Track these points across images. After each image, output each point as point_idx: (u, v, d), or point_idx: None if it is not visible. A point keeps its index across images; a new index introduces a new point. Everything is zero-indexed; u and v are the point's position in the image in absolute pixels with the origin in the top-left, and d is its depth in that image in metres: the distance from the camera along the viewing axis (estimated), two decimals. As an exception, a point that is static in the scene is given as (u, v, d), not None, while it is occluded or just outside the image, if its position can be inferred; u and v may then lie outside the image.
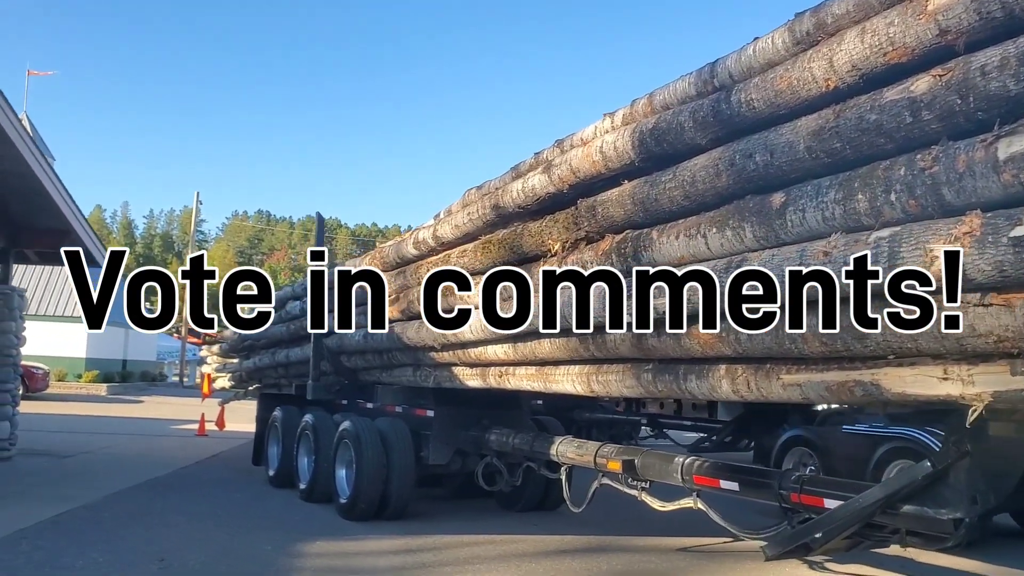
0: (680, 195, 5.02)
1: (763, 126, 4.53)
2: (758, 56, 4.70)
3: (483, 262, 7.18)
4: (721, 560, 7.56)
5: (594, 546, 7.95)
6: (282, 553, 7.23)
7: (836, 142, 4.05)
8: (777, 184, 4.43)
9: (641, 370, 5.67)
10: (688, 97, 5.22)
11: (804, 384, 4.53)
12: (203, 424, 17.87)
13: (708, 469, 6.16)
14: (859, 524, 5.04)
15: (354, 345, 9.74)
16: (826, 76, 4.14)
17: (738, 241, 4.61)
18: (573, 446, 7.59)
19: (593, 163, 5.75)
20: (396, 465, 8.84)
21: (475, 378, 7.84)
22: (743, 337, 4.64)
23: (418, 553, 7.51)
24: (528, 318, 6.24)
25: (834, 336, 4.11)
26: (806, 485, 5.40)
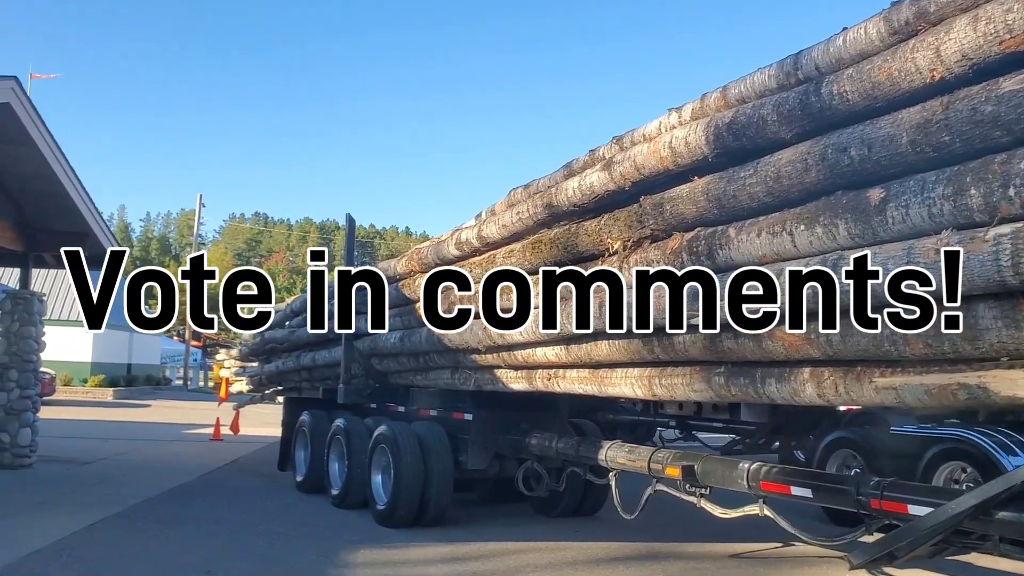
0: (762, 191, 4.84)
1: (857, 119, 4.34)
2: (849, 47, 4.52)
3: (532, 262, 7.00)
4: (779, 566, 7.39)
5: (643, 553, 7.78)
6: (329, 563, 7.04)
7: (945, 135, 3.86)
8: (873, 179, 4.25)
9: (712, 373, 5.49)
10: (768, 90, 5.04)
11: (900, 387, 4.36)
12: (218, 428, 17.69)
13: (777, 475, 5.97)
14: (949, 531, 4.86)
15: (388, 348, 9.55)
16: (931, 66, 3.96)
17: (830, 239, 4.42)
18: (624, 451, 7.39)
19: (661, 159, 5.56)
20: (435, 470, 8.66)
21: (520, 381, 7.66)
22: (835, 339, 4.47)
23: (465, 561, 7.33)
24: (588, 319, 6.06)
25: (942, 337, 3.94)
26: (887, 491, 5.21)
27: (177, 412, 26.44)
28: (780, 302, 4.59)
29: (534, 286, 6.82)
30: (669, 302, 5.35)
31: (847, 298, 4.21)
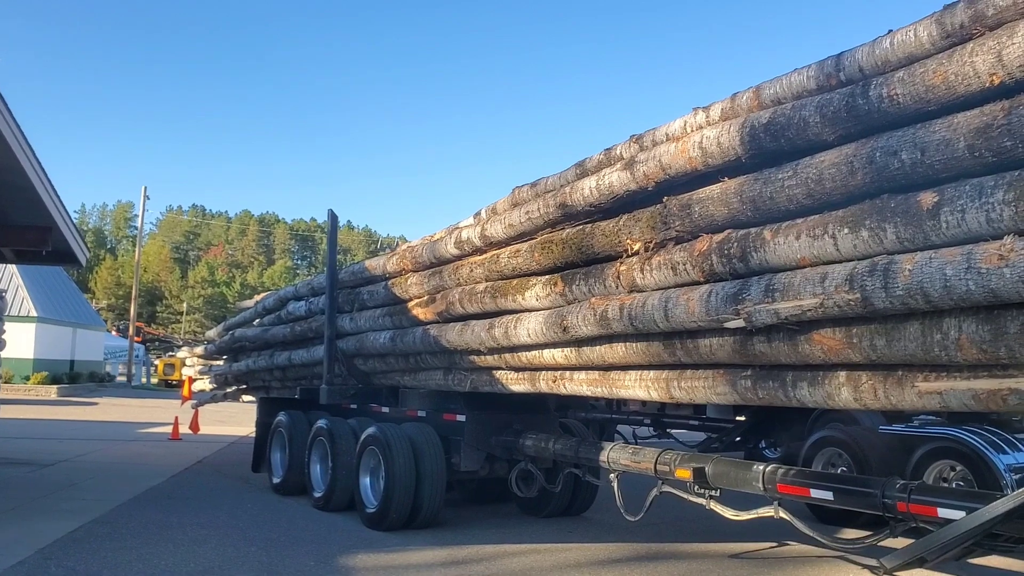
0: (802, 193, 4.81)
1: (908, 122, 4.33)
2: (896, 50, 4.50)
3: (541, 262, 6.90)
4: (781, 566, 7.38)
5: (643, 554, 7.73)
6: (330, 569, 6.85)
7: (1007, 140, 3.85)
8: (924, 183, 4.23)
9: (738, 376, 5.45)
10: (806, 91, 5.01)
11: (945, 392, 4.36)
12: (177, 428, 17.24)
13: (795, 477, 5.97)
14: (983, 535, 4.89)
15: (377, 348, 9.36)
16: (992, 71, 3.95)
17: (876, 242, 4.40)
18: (627, 453, 7.33)
19: (689, 159, 5.50)
20: (427, 472, 8.50)
21: (522, 383, 7.55)
22: (880, 343, 4.45)
23: (467, 564, 7.20)
24: (607, 322, 5.98)
25: (997, 342, 3.94)
26: (915, 493, 5.23)
27: (127, 410, 25.73)
28: (823, 306, 4.56)
29: (544, 286, 6.72)
30: (699, 305, 5.30)
31: (897, 302, 4.19)
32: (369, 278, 9.71)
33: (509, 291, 7.18)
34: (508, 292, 7.19)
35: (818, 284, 4.58)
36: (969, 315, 4.05)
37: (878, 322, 4.45)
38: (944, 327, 4.15)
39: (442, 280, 8.16)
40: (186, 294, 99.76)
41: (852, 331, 4.61)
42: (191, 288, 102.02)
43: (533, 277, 7.01)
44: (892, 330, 4.39)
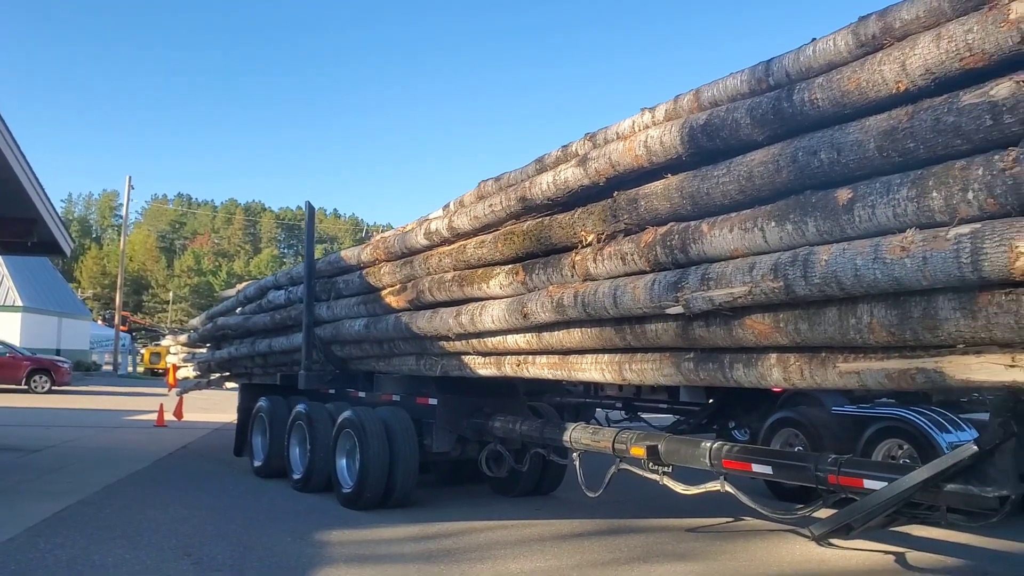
0: (734, 189, 5.18)
1: (827, 124, 4.70)
2: (818, 57, 4.87)
3: (504, 252, 7.26)
4: (733, 539, 7.81)
5: (605, 530, 8.14)
6: (305, 544, 7.24)
7: (910, 142, 4.23)
8: (841, 181, 4.60)
9: (682, 359, 5.83)
10: (740, 94, 5.37)
11: (862, 372, 4.74)
12: (162, 415, 17.57)
13: (738, 453, 6.38)
14: (901, 503, 5.31)
15: (352, 334, 9.72)
16: (897, 79, 4.33)
17: (799, 235, 4.77)
18: (588, 432, 7.73)
19: (635, 157, 5.87)
20: (401, 454, 8.89)
21: (489, 367, 7.92)
22: (803, 327, 4.84)
23: (436, 540, 7.60)
24: (563, 309, 6.36)
25: (903, 326, 4.33)
26: (844, 467, 5.64)
27: (113, 399, 26.02)
28: (751, 293, 4.94)
29: (507, 275, 7.09)
30: (644, 292, 5.68)
31: (815, 289, 4.58)
32: (345, 268, 10.06)
33: (475, 280, 7.54)
34: (474, 281, 7.56)
35: (747, 273, 4.96)
36: (879, 301, 4.43)
37: (801, 308, 4.83)
38: (858, 312, 4.54)
39: (413, 269, 8.52)
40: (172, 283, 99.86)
41: (779, 316, 4.99)
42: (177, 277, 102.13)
43: (497, 266, 7.37)
44: (813, 315, 4.78)
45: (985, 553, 7.25)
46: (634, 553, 7.21)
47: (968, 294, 4.03)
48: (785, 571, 6.68)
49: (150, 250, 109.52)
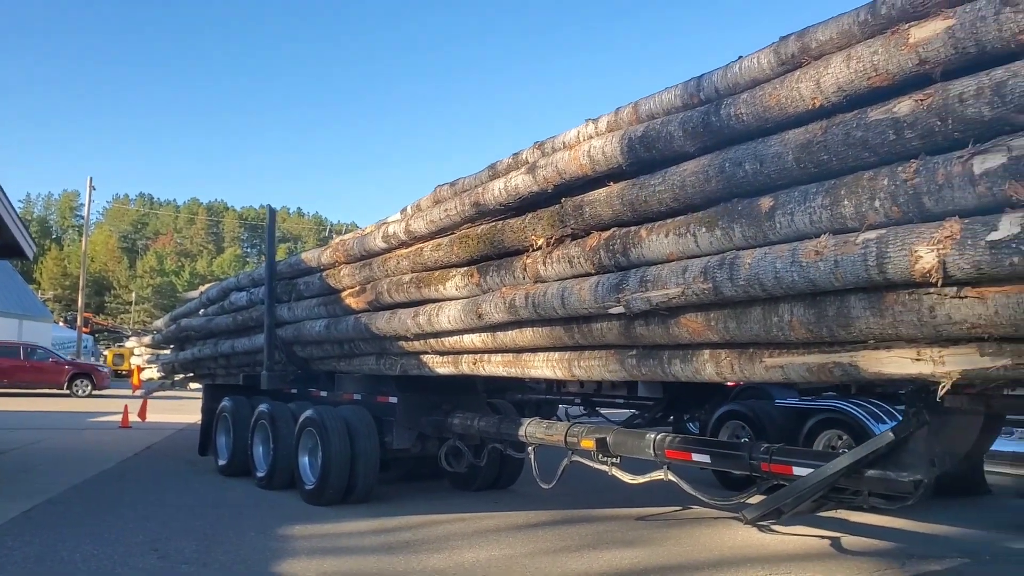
0: (669, 197, 5.54)
1: (751, 137, 5.06)
2: (743, 74, 5.23)
3: (460, 255, 7.57)
4: (680, 526, 8.20)
5: (559, 520, 8.49)
6: (269, 538, 7.50)
7: (823, 154, 4.61)
8: (764, 189, 4.97)
9: (626, 355, 6.19)
10: (674, 108, 5.73)
11: (786, 366, 5.12)
12: (127, 416, 17.67)
13: (679, 443, 6.75)
14: (827, 488, 5.70)
15: (313, 335, 9.97)
16: (813, 95, 4.70)
17: (727, 240, 5.14)
18: (542, 427, 8.07)
19: (580, 165, 6.21)
20: (362, 451, 9.17)
21: (447, 365, 8.22)
22: (732, 325, 5.21)
23: (396, 532, 7.90)
24: (515, 309, 6.68)
25: (820, 324, 4.71)
26: (775, 455, 6.03)
27: (77, 400, 25.94)
28: (684, 294, 5.30)
29: (463, 277, 7.40)
30: (589, 294, 6.02)
31: (740, 291, 4.95)
32: (305, 269, 10.32)
33: (432, 282, 7.84)
34: (431, 282, 7.85)
35: (680, 275, 5.32)
36: (798, 301, 4.80)
37: (729, 307, 5.19)
38: (780, 311, 4.91)
39: (372, 271, 8.80)
40: (135, 284, 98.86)
41: (710, 315, 5.35)
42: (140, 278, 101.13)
43: (453, 269, 7.67)
44: (740, 314, 5.15)
45: (913, 536, 7.70)
46: (584, 541, 7.56)
47: (876, 294, 4.41)
48: (725, 555, 7.06)
49: (112, 251, 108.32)
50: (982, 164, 3.87)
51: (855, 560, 6.99)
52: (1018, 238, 3.69)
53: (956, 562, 6.96)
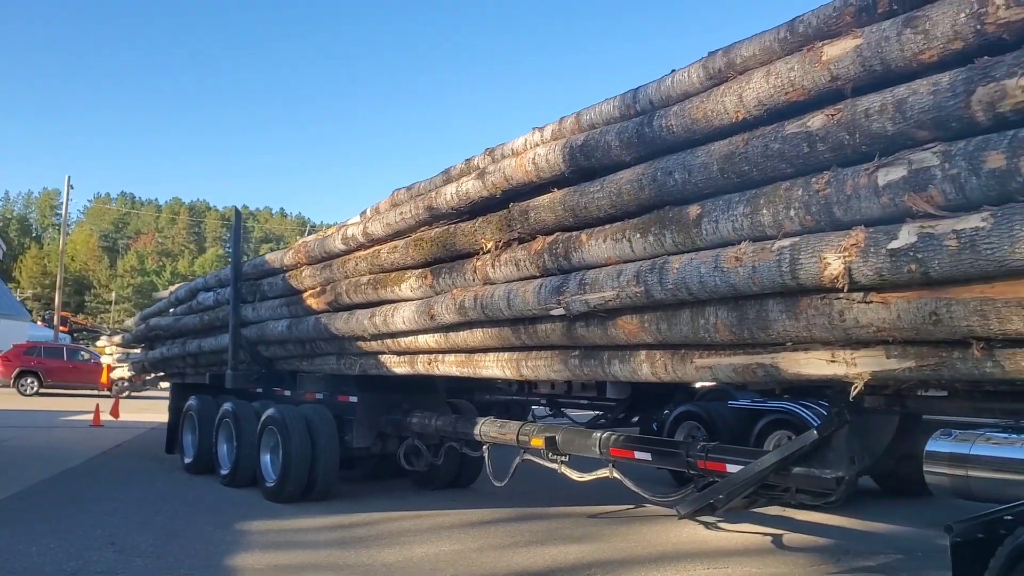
0: (607, 204, 5.76)
1: (681, 148, 5.29)
2: (675, 87, 5.46)
3: (415, 257, 7.77)
4: (629, 524, 8.43)
5: (512, 517, 8.69)
6: (226, 532, 7.68)
7: (745, 165, 4.84)
8: (693, 198, 5.20)
9: (569, 356, 6.40)
10: (612, 118, 5.95)
11: (714, 367, 5.35)
12: (98, 415, 17.74)
13: (623, 442, 6.96)
14: (757, 485, 5.93)
15: (276, 335, 10.14)
16: (736, 109, 4.93)
17: (659, 245, 5.36)
18: (496, 426, 8.27)
19: (526, 172, 6.43)
20: (322, 449, 9.35)
21: (403, 365, 8.42)
22: (663, 327, 5.43)
23: (351, 529, 8.08)
24: (465, 310, 6.88)
25: (742, 326, 4.93)
26: (711, 453, 6.26)
27: (52, 399, 25.95)
28: (619, 296, 5.52)
29: (417, 279, 7.59)
30: (533, 296, 6.23)
31: (669, 294, 5.17)
32: (269, 270, 10.48)
33: (388, 283, 8.04)
34: (388, 284, 8.05)
35: (616, 279, 5.54)
36: (722, 305, 5.02)
37: (661, 310, 5.42)
38: (706, 314, 5.13)
39: (332, 273, 8.98)
40: (115, 283, 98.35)
41: (644, 317, 5.57)
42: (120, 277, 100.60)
43: (408, 271, 7.86)
44: (671, 316, 5.37)
45: (852, 534, 7.96)
46: (534, 537, 7.77)
47: (792, 298, 4.64)
48: (668, 551, 7.29)
49: (92, 250, 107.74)
50: (886, 176, 4.11)
51: (793, 556, 7.23)
52: (915, 247, 3.92)
53: (890, 558, 7.20)
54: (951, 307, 3.90)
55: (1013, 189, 3.62)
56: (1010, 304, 3.71)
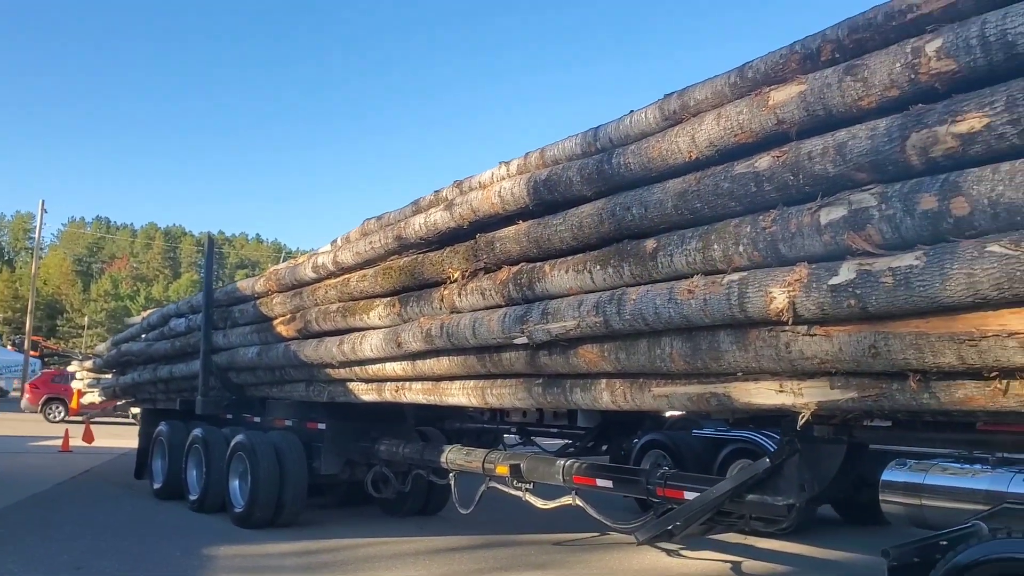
0: (569, 236, 5.95)
1: (638, 184, 5.51)
2: (633, 126, 5.69)
3: (383, 286, 7.92)
4: (593, 551, 8.56)
5: (479, 544, 8.79)
6: (193, 557, 7.73)
7: (697, 203, 5.05)
8: (650, 232, 5.41)
9: (532, 384, 6.56)
10: (574, 155, 6.17)
11: (671, 395, 5.53)
12: (67, 440, 17.63)
13: (586, 470, 7.11)
14: (712, 512, 6.08)
15: (246, 362, 10.23)
16: (689, 149, 5.15)
17: (618, 277, 5.55)
18: (462, 454, 8.39)
19: (492, 204, 6.62)
20: (290, 475, 9.42)
21: (371, 392, 8.54)
22: (622, 356, 5.61)
23: (318, 555, 8.15)
24: (431, 339, 7.03)
25: (695, 356, 5.12)
26: (669, 480, 6.42)
27: (22, 424, 25.70)
28: (579, 326, 5.69)
29: (385, 307, 7.74)
30: (497, 324, 6.40)
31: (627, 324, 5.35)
32: (241, 297, 10.60)
33: (357, 311, 8.18)
34: (356, 312, 8.19)
35: (576, 309, 5.72)
36: (677, 335, 5.21)
37: (620, 340, 5.60)
38: (662, 344, 5.31)
39: (302, 300, 9.11)
40: (88, 308, 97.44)
41: (604, 347, 5.75)
42: (94, 301, 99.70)
43: (377, 299, 8.01)
44: (629, 346, 5.55)
45: (809, 561, 8.12)
46: (499, 564, 7.88)
47: (741, 330, 4.83)
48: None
49: (65, 274, 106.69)
50: (827, 216, 4.32)
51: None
52: (854, 283, 4.12)
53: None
54: (888, 341, 4.09)
55: (944, 230, 3.83)
56: (943, 339, 3.89)
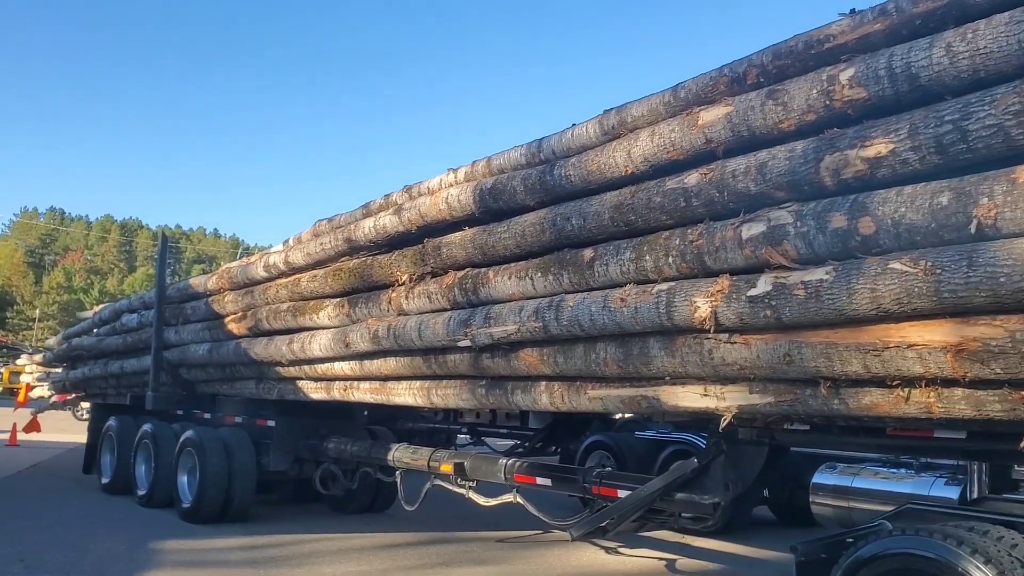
0: (512, 244, 6.18)
1: (578, 196, 5.75)
2: (575, 140, 5.94)
3: (333, 287, 8.09)
4: (534, 548, 8.79)
5: (423, 540, 9.00)
6: (139, 550, 7.84)
7: (632, 215, 5.31)
8: (588, 242, 5.65)
9: (476, 385, 6.78)
10: (519, 165, 6.41)
11: (605, 398, 5.78)
12: (15, 434, 17.50)
13: (526, 468, 7.34)
14: (644, 509, 6.35)
15: (197, 359, 10.33)
16: (625, 163, 5.40)
17: (557, 284, 5.79)
18: (408, 452, 8.58)
19: (440, 211, 6.83)
20: (238, 471, 9.55)
21: (320, 391, 8.70)
22: (560, 360, 5.85)
23: (264, 549, 8.31)
24: (378, 340, 7.22)
25: (627, 361, 5.37)
26: (604, 479, 6.68)
27: None
28: (519, 331, 5.93)
29: (335, 308, 7.92)
30: (442, 327, 6.61)
31: (564, 330, 5.59)
32: (193, 295, 10.69)
33: (307, 311, 8.34)
34: (307, 312, 8.35)
35: (517, 314, 5.95)
36: (610, 341, 5.46)
37: (558, 344, 5.84)
38: (597, 349, 5.56)
39: (253, 299, 9.25)
40: (40, 300, 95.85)
41: (543, 351, 5.98)
42: (46, 294, 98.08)
43: (327, 300, 8.18)
44: (567, 350, 5.79)
45: (741, 560, 8.44)
46: (441, 559, 8.09)
47: (669, 337, 5.09)
48: (567, 573, 7.68)
49: (17, 265, 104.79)
50: (748, 231, 4.60)
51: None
52: (770, 295, 4.40)
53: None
54: (801, 350, 4.37)
55: (852, 247, 4.11)
56: (850, 348, 4.18)
